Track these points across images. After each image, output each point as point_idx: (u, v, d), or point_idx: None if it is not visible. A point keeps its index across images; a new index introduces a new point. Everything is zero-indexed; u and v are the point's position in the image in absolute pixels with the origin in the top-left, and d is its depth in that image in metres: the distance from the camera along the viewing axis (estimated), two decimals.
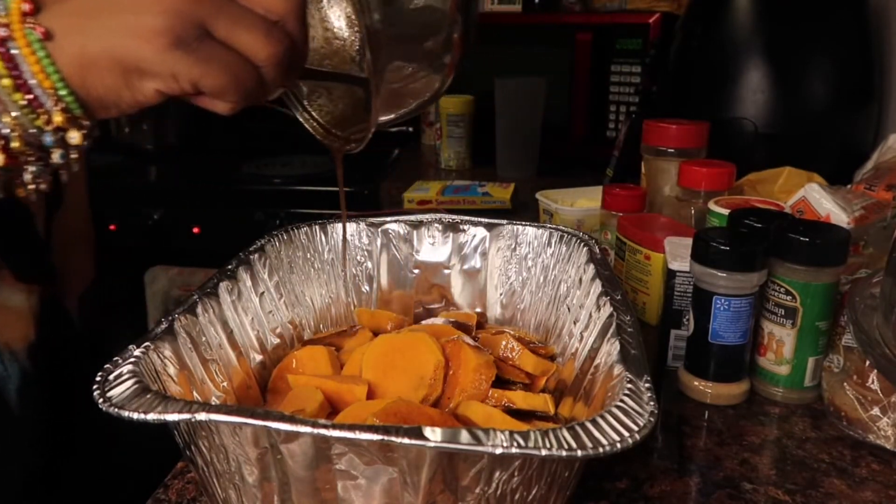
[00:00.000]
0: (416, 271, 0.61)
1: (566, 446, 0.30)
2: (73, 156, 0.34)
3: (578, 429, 0.30)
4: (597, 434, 0.30)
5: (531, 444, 0.29)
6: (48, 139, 0.33)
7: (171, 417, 0.32)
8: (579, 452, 0.29)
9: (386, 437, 0.30)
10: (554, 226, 0.59)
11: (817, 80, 0.89)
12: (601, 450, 0.30)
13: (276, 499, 0.35)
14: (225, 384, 0.45)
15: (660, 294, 0.61)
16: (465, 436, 0.30)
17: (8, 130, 0.32)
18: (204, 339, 0.45)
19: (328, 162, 1.35)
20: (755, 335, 0.55)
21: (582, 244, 0.55)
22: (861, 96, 0.91)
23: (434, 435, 0.29)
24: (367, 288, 0.61)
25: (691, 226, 0.68)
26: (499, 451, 0.29)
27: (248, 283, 0.51)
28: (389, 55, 0.38)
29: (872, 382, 0.50)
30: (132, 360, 0.36)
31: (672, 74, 1.01)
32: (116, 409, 0.32)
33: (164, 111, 1.57)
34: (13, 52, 0.31)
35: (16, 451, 0.48)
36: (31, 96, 0.31)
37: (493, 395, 0.46)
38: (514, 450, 0.29)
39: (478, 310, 0.61)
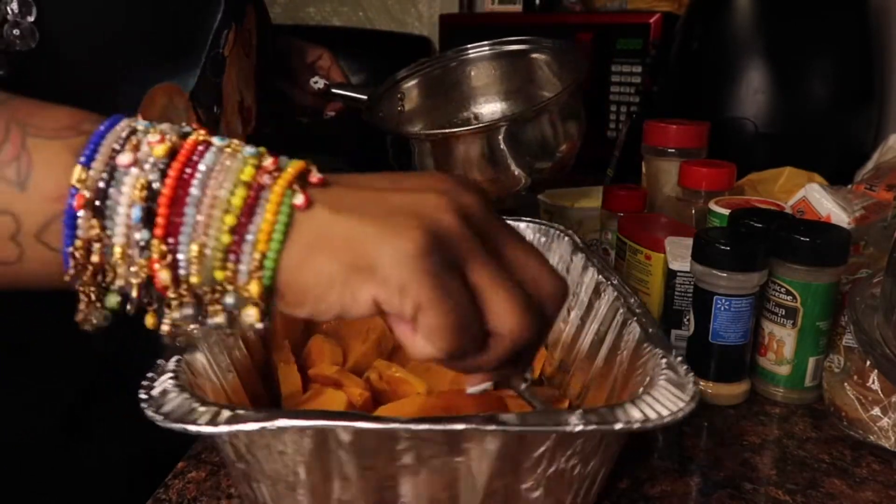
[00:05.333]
0: None
1: (636, 419, 0.32)
2: (227, 330, 0.29)
3: (640, 403, 0.33)
4: (657, 406, 0.33)
5: (605, 419, 0.31)
6: (229, 300, 0.28)
7: (248, 427, 0.29)
8: (650, 424, 0.32)
9: (471, 426, 0.30)
10: (530, 219, 0.60)
11: (818, 80, 0.89)
12: (666, 419, 0.32)
13: (333, 498, 0.35)
14: (237, 385, 0.44)
15: (660, 294, 0.61)
16: (540, 418, 0.31)
17: (186, 257, 0.27)
18: (216, 345, 0.44)
19: (333, 161, 1.35)
20: (755, 335, 0.55)
21: (563, 235, 0.57)
22: (861, 96, 0.91)
23: (513, 419, 0.30)
24: None
25: (692, 226, 0.68)
26: (578, 428, 0.31)
27: None
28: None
29: (873, 382, 0.50)
30: (171, 373, 0.34)
31: (672, 74, 1.01)
32: (182, 425, 0.29)
33: None
34: (261, 199, 0.27)
35: None
36: (236, 246, 0.27)
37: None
38: (591, 427, 0.31)
39: None
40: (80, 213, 0.26)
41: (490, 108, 0.85)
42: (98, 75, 0.45)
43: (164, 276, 0.27)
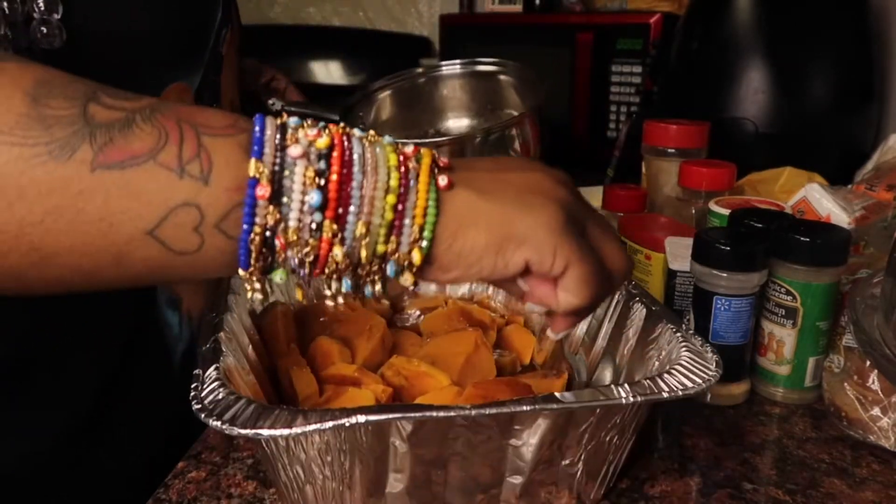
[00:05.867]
0: None
1: (678, 387, 0.34)
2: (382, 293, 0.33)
3: (674, 374, 0.35)
4: (691, 375, 0.35)
5: (651, 390, 0.34)
6: (392, 268, 0.31)
7: (326, 426, 0.30)
8: (692, 391, 0.34)
9: (538, 406, 0.32)
10: None
11: (818, 80, 0.89)
12: (703, 386, 0.35)
13: (386, 492, 0.35)
14: (256, 388, 0.44)
15: (660, 294, 0.61)
16: (594, 394, 0.34)
17: (352, 235, 0.30)
18: (236, 351, 0.44)
19: None
20: (755, 335, 0.55)
21: None
22: (861, 96, 0.91)
23: (570, 397, 0.33)
24: None
25: (692, 226, 0.68)
26: (631, 399, 0.33)
27: None
28: None
29: (873, 383, 0.50)
30: (217, 381, 0.34)
31: (672, 74, 1.01)
32: (254, 430, 0.30)
33: None
34: (410, 181, 0.31)
35: (175, 408, 0.48)
36: (398, 222, 0.31)
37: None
38: (640, 398, 0.33)
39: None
40: (261, 202, 0.29)
41: (457, 124, 0.90)
42: (117, 74, 0.44)
43: (337, 252, 0.30)
